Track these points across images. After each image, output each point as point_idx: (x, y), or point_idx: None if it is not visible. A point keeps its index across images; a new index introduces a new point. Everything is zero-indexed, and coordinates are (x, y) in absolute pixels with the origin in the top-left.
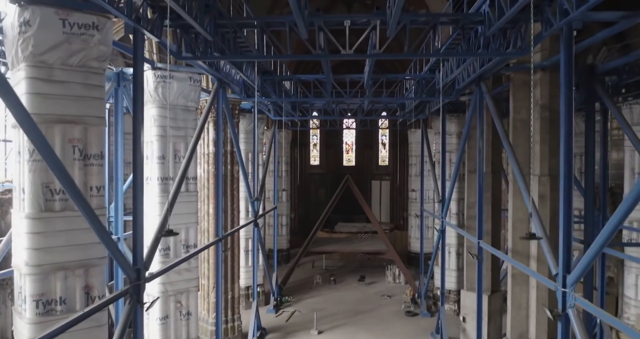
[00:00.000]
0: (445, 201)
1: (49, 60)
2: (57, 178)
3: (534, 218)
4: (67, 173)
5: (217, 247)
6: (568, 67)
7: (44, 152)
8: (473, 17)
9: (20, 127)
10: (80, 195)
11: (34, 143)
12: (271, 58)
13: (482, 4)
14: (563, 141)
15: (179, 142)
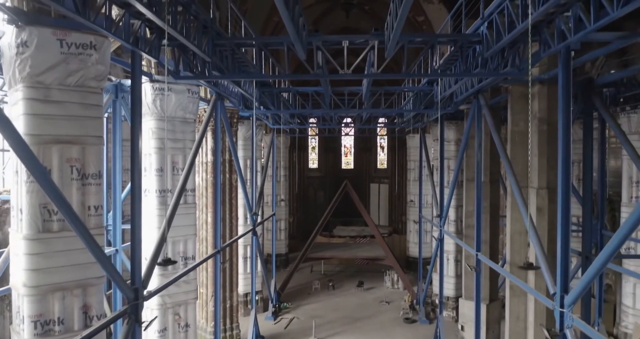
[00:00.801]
0: (443, 210)
1: (47, 81)
2: (51, 199)
3: (531, 237)
4: (61, 194)
5: (216, 259)
6: (566, 85)
7: (37, 173)
8: (471, 37)
9: (13, 150)
10: (76, 216)
11: (27, 166)
12: (270, 78)
13: (480, 26)
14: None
15: (177, 154)
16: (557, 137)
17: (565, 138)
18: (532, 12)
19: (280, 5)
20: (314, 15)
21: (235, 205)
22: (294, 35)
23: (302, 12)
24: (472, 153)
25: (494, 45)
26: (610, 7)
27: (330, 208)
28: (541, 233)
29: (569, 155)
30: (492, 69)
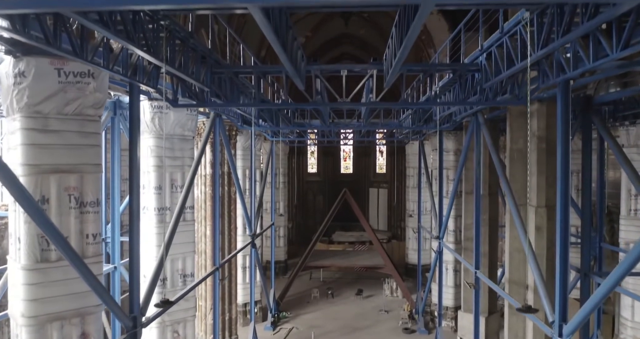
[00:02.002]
0: (442, 223)
1: (45, 110)
2: (43, 230)
3: (530, 263)
4: (54, 225)
5: (215, 276)
6: (564, 113)
7: (28, 205)
8: (469, 66)
9: (3, 183)
10: (69, 247)
11: (17, 198)
12: (268, 107)
13: (479, 56)
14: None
15: (175, 171)
16: (555, 154)
17: (564, 163)
18: (532, 53)
19: (279, 49)
20: (313, 22)
21: (234, 217)
22: (292, 71)
23: (300, 45)
24: (471, 165)
25: (493, 76)
26: (609, 49)
27: (329, 217)
28: (540, 252)
29: (567, 179)
30: (491, 97)
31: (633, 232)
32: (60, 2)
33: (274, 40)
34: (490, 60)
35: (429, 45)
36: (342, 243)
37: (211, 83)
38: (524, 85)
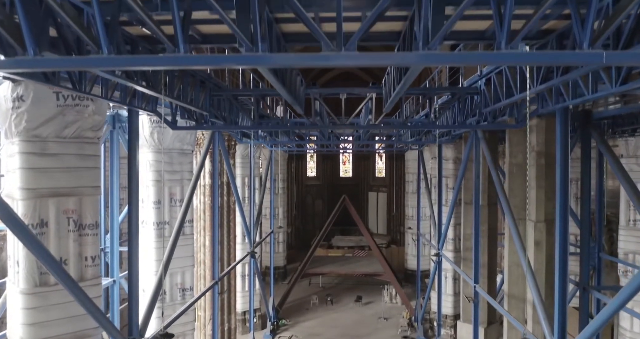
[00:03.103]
0: (441, 234)
1: (43, 134)
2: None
3: (529, 280)
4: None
5: (214, 290)
6: (563, 137)
7: (18, 232)
8: (469, 90)
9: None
10: (64, 272)
11: (7, 224)
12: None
13: (478, 80)
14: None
15: (174, 185)
16: (554, 169)
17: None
18: (531, 86)
19: (278, 86)
20: None
21: (233, 227)
22: (291, 99)
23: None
24: (471, 176)
25: (492, 102)
26: (609, 83)
27: (328, 224)
28: (539, 267)
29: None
30: (490, 119)
31: (632, 243)
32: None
33: (274, 80)
34: (489, 86)
35: None
36: (342, 248)
37: (210, 107)
38: (523, 108)
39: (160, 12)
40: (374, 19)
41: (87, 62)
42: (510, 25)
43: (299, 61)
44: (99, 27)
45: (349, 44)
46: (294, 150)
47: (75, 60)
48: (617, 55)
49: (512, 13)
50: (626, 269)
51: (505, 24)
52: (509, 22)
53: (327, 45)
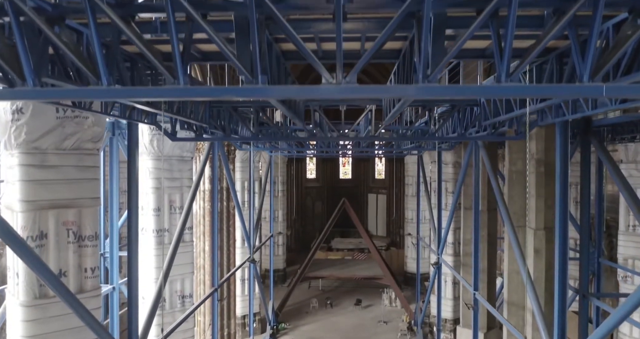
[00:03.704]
0: (441, 239)
1: (43, 146)
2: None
3: (529, 291)
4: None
5: (214, 298)
6: (563, 151)
7: (14, 246)
8: (469, 101)
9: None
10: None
11: (3, 238)
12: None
13: None
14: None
15: (174, 193)
16: (554, 176)
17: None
18: (531, 103)
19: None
20: None
21: (233, 232)
22: (291, 115)
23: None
24: (470, 181)
25: (492, 115)
26: (609, 100)
27: (327, 228)
28: (538, 274)
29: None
30: (490, 130)
31: (632, 248)
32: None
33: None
34: (489, 99)
35: None
36: (341, 250)
37: (210, 118)
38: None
39: (159, 34)
40: (374, 52)
41: (86, 94)
42: (510, 60)
43: (299, 93)
44: (99, 59)
45: (349, 76)
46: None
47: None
48: (617, 88)
49: (511, 47)
50: (625, 274)
51: (505, 57)
52: (508, 55)
53: (326, 78)
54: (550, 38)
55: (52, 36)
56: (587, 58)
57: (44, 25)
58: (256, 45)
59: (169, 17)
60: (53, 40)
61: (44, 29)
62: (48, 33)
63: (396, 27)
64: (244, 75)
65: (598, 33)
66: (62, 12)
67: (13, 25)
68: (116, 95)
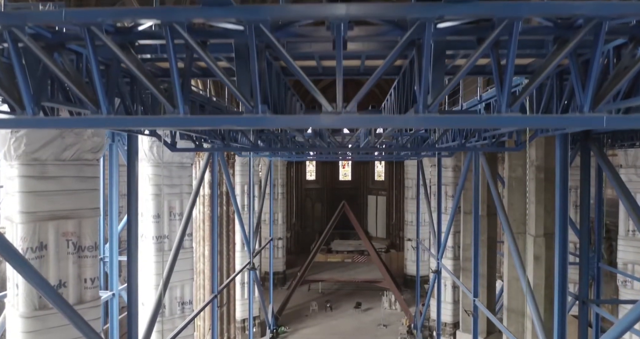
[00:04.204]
0: (440, 244)
1: (42, 157)
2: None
3: (528, 300)
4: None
5: (213, 304)
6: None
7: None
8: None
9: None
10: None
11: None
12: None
13: (478, 104)
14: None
15: (174, 199)
16: (554, 183)
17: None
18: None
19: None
20: None
21: (233, 237)
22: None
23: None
24: (470, 186)
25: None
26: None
27: (327, 231)
28: (538, 281)
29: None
30: (490, 141)
31: (631, 253)
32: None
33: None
34: (489, 110)
35: None
36: (341, 253)
37: (210, 130)
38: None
39: (159, 55)
40: (373, 84)
41: (86, 123)
42: (510, 92)
43: (298, 123)
44: (98, 89)
45: (349, 106)
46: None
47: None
48: (618, 119)
49: (512, 80)
50: (625, 279)
51: (505, 87)
52: (509, 86)
53: (326, 107)
54: (550, 70)
55: (51, 65)
56: (588, 89)
57: (43, 54)
58: (256, 76)
59: (168, 48)
60: (52, 69)
61: (43, 59)
62: (47, 62)
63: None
64: (244, 105)
65: (598, 67)
66: (62, 38)
67: (11, 53)
68: (115, 124)
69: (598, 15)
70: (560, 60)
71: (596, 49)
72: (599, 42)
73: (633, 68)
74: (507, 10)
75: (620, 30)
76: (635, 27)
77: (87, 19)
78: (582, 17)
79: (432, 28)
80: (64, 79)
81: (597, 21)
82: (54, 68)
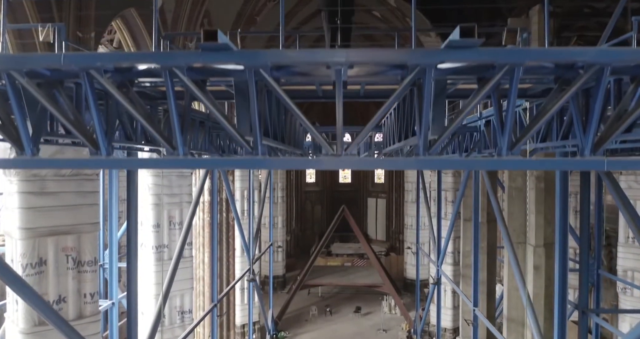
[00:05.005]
0: (440, 251)
1: (42, 172)
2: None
3: (528, 313)
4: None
5: (213, 314)
6: (564, 176)
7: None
8: (468, 128)
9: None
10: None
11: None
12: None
13: (477, 120)
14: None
15: (173, 208)
16: (554, 193)
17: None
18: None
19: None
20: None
21: (233, 243)
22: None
23: None
24: (470, 193)
25: (491, 143)
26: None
27: (327, 236)
28: (538, 291)
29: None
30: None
31: (631, 260)
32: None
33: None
34: (488, 127)
35: None
36: (341, 256)
37: (210, 145)
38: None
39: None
40: (372, 127)
41: (86, 164)
42: (511, 136)
43: (298, 166)
44: (98, 132)
45: (349, 148)
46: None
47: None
48: (618, 163)
49: (512, 124)
50: (625, 286)
51: (506, 131)
52: (510, 130)
53: (327, 149)
54: (552, 114)
55: (50, 108)
56: (589, 133)
57: (41, 96)
58: (256, 116)
59: (168, 93)
60: (51, 110)
61: (42, 101)
62: (46, 105)
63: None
64: (244, 147)
65: (599, 113)
66: (60, 76)
67: (10, 96)
68: (115, 166)
69: (600, 61)
70: (561, 105)
71: (597, 96)
72: (600, 89)
73: (635, 112)
74: (508, 56)
75: (622, 70)
76: (636, 66)
77: (86, 63)
78: (583, 63)
79: (433, 72)
80: (63, 122)
81: (598, 67)
82: (53, 110)
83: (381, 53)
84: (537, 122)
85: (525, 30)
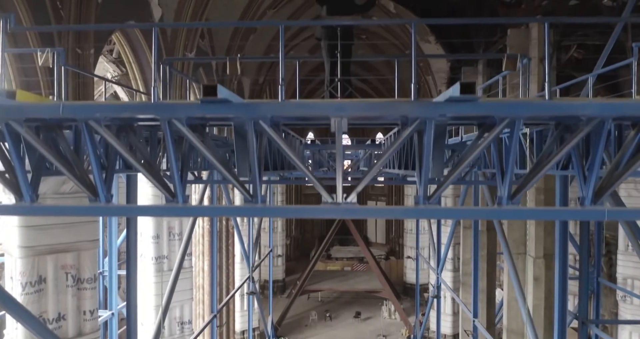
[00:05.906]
0: (440, 259)
1: (41, 190)
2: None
3: (528, 329)
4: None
5: (212, 325)
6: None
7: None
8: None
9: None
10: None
11: None
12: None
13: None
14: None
15: (173, 219)
16: (553, 204)
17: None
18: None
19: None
20: None
21: (232, 251)
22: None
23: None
24: (470, 201)
25: (490, 163)
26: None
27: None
28: (537, 302)
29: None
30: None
31: (631, 268)
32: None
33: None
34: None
35: (426, 72)
36: (341, 259)
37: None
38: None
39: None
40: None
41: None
42: (511, 186)
43: (298, 214)
44: (97, 179)
45: (349, 197)
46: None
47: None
48: (619, 212)
49: (513, 174)
50: (625, 294)
51: (507, 181)
52: (510, 179)
53: (326, 198)
54: (552, 165)
55: (49, 156)
56: (589, 184)
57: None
58: (255, 168)
59: (167, 144)
60: (50, 159)
61: (41, 150)
62: (44, 153)
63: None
64: (244, 195)
65: (599, 166)
66: (60, 121)
67: (9, 145)
68: (114, 214)
69: (601, 115)
70: (562, 157)
71: (597, 150)
72: (600, 143)
73: (636, 163)
74: (509, 110)
75: (623, 117)
76: None
77: (85, 114)
78: (585, 117)
79: (433, 124)
80: (62, 170)
81: (599, 120)
82: (52, 159)
83: (381, 106)
84: (537, 172)
85: (525, 56)
